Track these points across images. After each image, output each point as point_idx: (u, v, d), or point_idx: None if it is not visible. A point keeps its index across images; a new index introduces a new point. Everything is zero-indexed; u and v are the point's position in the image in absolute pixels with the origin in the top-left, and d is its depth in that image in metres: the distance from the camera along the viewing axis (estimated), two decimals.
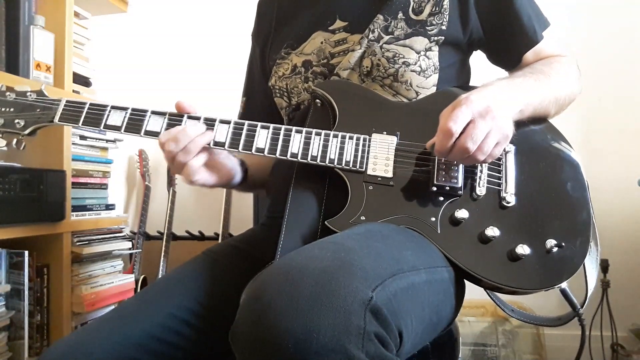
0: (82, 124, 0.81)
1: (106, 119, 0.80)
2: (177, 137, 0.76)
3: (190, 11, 2.32)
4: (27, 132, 0.82)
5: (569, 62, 0.90)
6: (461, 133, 0.69)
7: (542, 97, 0.82)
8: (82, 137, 1.62)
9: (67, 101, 0.82)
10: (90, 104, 0.81)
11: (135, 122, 0.80)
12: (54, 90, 1.45)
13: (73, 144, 1.54)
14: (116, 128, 0.80)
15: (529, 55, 0.90)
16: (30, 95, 0.83)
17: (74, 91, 1.54)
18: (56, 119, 0.81)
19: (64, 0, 1.49)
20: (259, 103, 1.06)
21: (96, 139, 1.68)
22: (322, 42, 0.91)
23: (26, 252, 1.36)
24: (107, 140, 1.73)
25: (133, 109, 0.81)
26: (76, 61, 1.58)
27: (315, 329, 0.48)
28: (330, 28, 0.91)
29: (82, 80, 1.62)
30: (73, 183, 1.54)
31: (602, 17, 2.03)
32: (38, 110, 0.82)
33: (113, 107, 0.81)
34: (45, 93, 0.84)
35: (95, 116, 0.81)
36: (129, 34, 2.22)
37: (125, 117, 0.80)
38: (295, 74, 0.93)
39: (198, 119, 0.80)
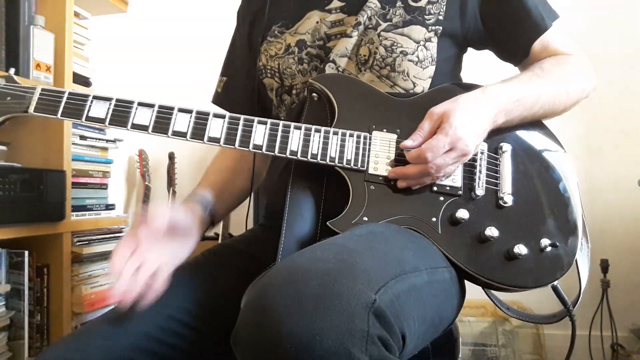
0: (61, 116, 0.73)
1: (88, 111, 0.73)
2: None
3: (190, 11, 2.32)
4: None
5: (578, 62, 0.88)
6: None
7: (540, 102, 0.82)
8: (82, 137, 1.62)
9: (42, 89, 0.74)
10: (70, 93, 0.74)
11: (120, 114, 0.74)
12: None
13: (73, 144, 1.54)
14: (99, 120, 0.73)
15: (536, 46, 0.87)
16: None
17: None
18: (31, 109, 0.73)
19: (64, 0, 1.48)
20: (240, 84, 1.04)
21: (96, 139, 1.68)
22: (317, 22, 0.90)
23: (26, 252, 1.36)
24: (107, 140, 1.73)
25: (118, 100, 0.74)
26: (76, 61, 1.58)
27: (319, 331, 0.48)
28: (327, 7, 0.90)
29: (82, 80, 1.62)
30: (73, 183, 1.53)
31: (602, 16, 2.03)
32: (9, 98, 0.74)
33: (95, 97, 0.74)
34: (16, 79, 0.76)
35: (75, 107, 0.74)
36: (129, 34, 2.21)
37: (109, 108, 0.74)
38: (288, 54, 0.91)
39: (190, 112, 0.75)
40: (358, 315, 0.50)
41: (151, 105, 0.75)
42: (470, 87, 0.81)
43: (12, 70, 0.78)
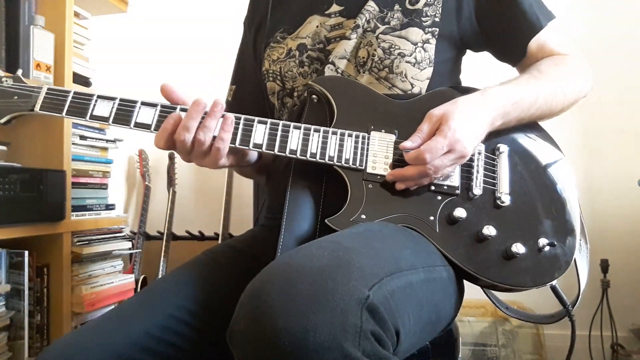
0: (65, 114, 0.76)
1: (92, 109, 0.75)
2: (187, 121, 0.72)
3: (190, 11, 2.32)
4: (2, 121, 0.77)
5: (575, 63, 0.88)
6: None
7: (538, 104, 0.82)
8: (82, 137, 1.62)
9: (48, 89, 0.76)
10: (75, 92, 0.77)
11: (124, 113, 0.76)
12: None
13: (73, 144, 1.54)
14: (104, 119, 0.75)
15: (532, 46, 0.88)
16: (6, 81, 0.77)
17: None
18: (37, 108, 0.75)
19: (64, 0, 1.49)
20: (249, 91, 1.05)
21: (96, 139, 1.68)
22: (317, 26, 0.92)
23: (26, 252, 1.37)
24: (107, 140, 1.73)
25: (121, 99, 0.76)
26: (76, 61, 1.58)
27: (312, 327, 0.48)
28: (327, 12, 0.92)
29: (82, 80, 1.62)
30: (73, 183, 1.54)
31: (602, 16, 2.03)
32: (16, 97, 0.76)
33: (100, 97, 0.76)
34: (23, 79, 0.78)
35: (80, 106, 0.76)
36: (129, 34, 2.22)
37: (113, 107, 0.76)
38: (289, 58, 0.93)
39: None
40: (351, 311, 0.50)
41: (154, 105, 0.77)
42: (467, 91, 0.81)
43: (19, 71, 0.80)
